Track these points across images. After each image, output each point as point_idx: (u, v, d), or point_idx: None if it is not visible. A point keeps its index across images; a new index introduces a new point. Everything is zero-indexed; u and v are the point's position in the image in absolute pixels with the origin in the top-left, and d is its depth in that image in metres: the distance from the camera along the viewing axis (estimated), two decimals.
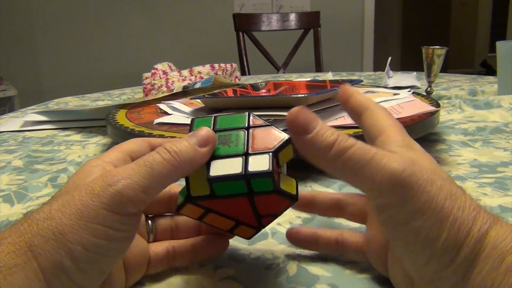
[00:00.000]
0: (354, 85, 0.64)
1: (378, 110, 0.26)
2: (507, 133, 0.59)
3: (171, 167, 0.23)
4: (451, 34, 5.46)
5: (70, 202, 0.22)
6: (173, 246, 0.29)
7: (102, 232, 0.21)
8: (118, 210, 0.22)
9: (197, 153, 0.24)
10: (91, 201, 0.21)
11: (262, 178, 0.24)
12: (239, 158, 0.24)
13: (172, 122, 0.55)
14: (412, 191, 0.20)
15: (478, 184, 0.42)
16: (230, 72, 0.95)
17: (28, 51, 2.78)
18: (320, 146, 0.22)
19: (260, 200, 0.25)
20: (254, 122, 0.26)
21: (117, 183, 0.22)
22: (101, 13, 2.81)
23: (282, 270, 0.29)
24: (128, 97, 1.05)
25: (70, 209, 0.21)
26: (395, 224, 0.21)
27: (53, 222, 0.21)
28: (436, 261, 0.20)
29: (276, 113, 0.51)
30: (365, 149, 0.21)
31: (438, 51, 0.81)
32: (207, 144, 0.24)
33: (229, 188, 0.24)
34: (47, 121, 0.74)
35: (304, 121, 0.22)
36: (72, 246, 0.21)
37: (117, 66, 2.86)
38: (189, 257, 0.29)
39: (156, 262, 0.28)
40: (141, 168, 0.23)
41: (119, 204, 0.22)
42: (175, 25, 2.89)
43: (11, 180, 0.49)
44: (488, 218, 0.21)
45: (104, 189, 0.22)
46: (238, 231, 0.28)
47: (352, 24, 3.04)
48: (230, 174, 0.24)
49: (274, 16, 1.95)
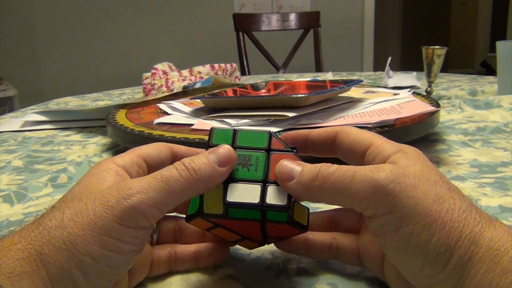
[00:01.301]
0: (354, 85, 0.64)
1: (351, 129, 0.27)
2: (507, 133, 0.59)
3: (187, 185, 0.23)
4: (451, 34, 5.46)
5: (83, 212, 0.22)
6: (176, 251, 0.29)
7: (113, 245, 0.21)
8: (130, 224, 0.22)
9: (215, 173, 0.24)
10: (104, 213, 0.21)
11: (279, 211, 0.24)
12: (258, 186, 0.24)
13: (172, 122, 0.55)
14: (396, 198, 0.21)
15: (478, 184, 0.42)
16: (230, 72, 0.95)
17: (28, 51, 2.78)
18: (306, 184, 0.23)
19: (271, 226, 0.26)
20: (275, 145, 0.26)
21: (131, 197, 0.22)
22: (101, 13, 2.81)
23: (282, 270, 0.29)
24: (128, 97, 1.05)
25: (83, 219, 0.21)
26: (386, 233, 0.21)
27: (64, 231, 0.21)
28: (430, 266, 0.20)
29: (276, 113, 0.51)
30: (346, 170, 0.22)
31: (438, 51, 0.81)
32: (227, 164, 0.24)
33: (244, 214, 0.25)
34: (47, 121, 0.74)
35: (286, 170, 0.24)
36: (82, 257, 0.21)
37: (117, 66, 2.86)
38: (190, 263, 0.29)
39: (158, 265, 0.28)
40: (158, 183, 0.22)
41: (131, 218, 0.22)
42: (175, 25, 2.89)
43: (11, 180, 0.49)
44: (480, 220, 0.21)
45: (119, 202, 0.22)
46: (242, 243, 0.29)
47: (352, 24, 3.04)
48: (247, 202, 0.24)
49: (274, 16, 1.95)
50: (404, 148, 0.25)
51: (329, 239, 0.28)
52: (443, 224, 0.20)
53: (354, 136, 0.26)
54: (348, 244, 0.28)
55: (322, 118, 0.52)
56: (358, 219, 0.29)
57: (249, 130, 0.27)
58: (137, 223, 0.22)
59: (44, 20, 2.75)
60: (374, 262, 0.26)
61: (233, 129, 0.27)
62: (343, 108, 0.57)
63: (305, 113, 0.53)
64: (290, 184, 0.24)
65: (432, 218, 0.20)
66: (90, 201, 0.22)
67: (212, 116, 0.55)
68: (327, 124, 0.50)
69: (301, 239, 0.28)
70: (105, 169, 0.25)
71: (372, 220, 0.22)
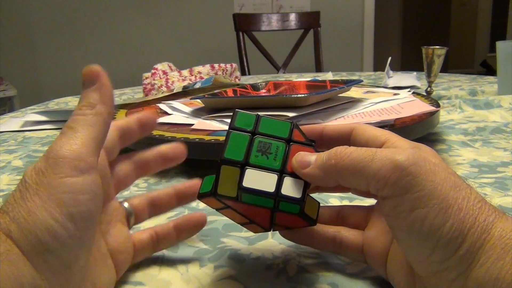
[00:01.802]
0: (354, 85, 0.64)
1: (367, 126, 0.28)
2: (507, 133, 0.59)
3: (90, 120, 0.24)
4: (451, 34, 5.46)
5: (28, 189, 0.22)
6: (156, 231, 0.30)
7: (67, 199, 0.21)
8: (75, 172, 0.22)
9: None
10: (44, 178, 0.22)
11: (292, 203, 0.25)
12: (274, 175, 0.25)
13: (172, 122, 0.55)
14: (416, 180, 0.21)
15: (478, 184, 0.42)
16: (230, 72, 0.95)
17: (27, 51, 2.78)
18: (322, 164, 0.24)
19: (281, 215, 0.26)
20: (296, 136, 0.27)
21: (58, 152, 0.22)
22: (101, 13, 2.81)
23: (282, 270, 0.29)
24: (128, 97, 1.05)
25: (30, 193, 0.21)
26: (400, 213, 0.21)
27: (21, 208, 0.21)
28: (441, 250, 0.20)
29: (276, 113, 0.51)
30: (366, 150, 0.23)
31: (438, 51, 0.81)
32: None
33: (257, 200, 0.25)
34: (47, 121, 0.74)
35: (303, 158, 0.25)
36: (45, 221, 0.21)
37: (117, 66, 2.86)
38: (172, 239, 0.30)
39: (141, 249, 0.29)
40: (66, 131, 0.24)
41: (72, 166, 0.22)
42: (175, 25, 2.89)
43: (11, 180, 0.49)
44: (493, 211, 0.21)
45: (46, 160, 0.22)
46: (248, 226, 0.29)
47: (352, 24, 3.04)
48: (262, 190, 0.24)
49: (274, 16, 1.95)
50: (419, 146, 0.25)
51: (333, 231, 0.28)
52: (459, 210, 0.20)
53: (370, 132, 0.27)
54: (352, 239, 0.28)
55: (322, 118, 0.52)
56: (365, 215, 0.29)
57: (272, 118, 0.27)
58: (79, 168, 0.22)
59: (44, 20, 2.75)
60: (378, 259, 0.26)
61: (256, 114, 0.27)
62: (343, 108, 0.57)
63: (305, 113, 0.53)
64: (307, 170, 0.24)
65: (449, 203, 0.21)
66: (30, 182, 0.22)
67: (212, 116, 0.55)
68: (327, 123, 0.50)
69: (305, 229, 0.28)
70: None
71: (386, 201, 0.22)
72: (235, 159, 0.25)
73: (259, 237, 0.33)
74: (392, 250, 0.26)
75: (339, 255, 0.29)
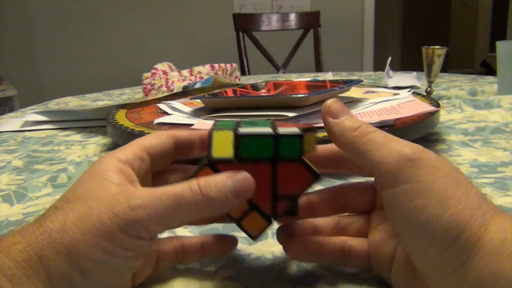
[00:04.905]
0: (354, 85, 0.64)
1: None
2: (507, 133, 0.59)
3: (197, 209, 0.22)
4: (451, 34, 5.46)
5: (86, 216, 0.21)
6: (182, 244, 0.28)
7: (114, 251, 0.21)
8: (132, 234, 0.21)
9: (228, 203, 0.23)
10: (108, 220, 0.21)
11: (292, 139, 0.24)
12: (268, 128, 0.25)
13: (172, 122, 0.55)
14: (419, 171, 0.22)
15: (478, 184, 0.42)
16: (230, 72, 0.95)
17: (28, 51, 2.77)
18: (344, 129, 0.25)
19: (282, 170, 0.25)
20: None
21: (138, 209, 0.21)
22: (101, 13, 2.81)
23: (282, 270, 0.29)
24: (128, 97, 1.05)
25: (86, 224, 0.21)
26: (400, 203, 0.22)
27: (66, 235, 0.21)
28: (438, 241, 0.21)
29: (276, 113, 0.51)
30: (385, 135, 0.24)
31: (438, 51, 0.81)
32: (243, 196, 0.23)
33: (256, 148, 0.24)
34: (47, 121, 0.74)
35: (336, 107, 0.26)
36: (84, 262, 0.21)
37: (117, 66, 2.86)
38: (198, 255, 0.29)
39: (164, 259, 0.28)
40: (167, 200, 0.22)
41: (134, 229, 0.21)
42: (175, 25, 2.89)
43: (11, 180, 0.49)
44: (492, 208, 0.21)
45: (125, 211, 0.21)
46: (248, 220, 0.26)
47: (352, 24, 3.04)
48: (260, 132, 0.24)
49: (274, 16, 1.95)
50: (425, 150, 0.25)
51: (340, 242, 0.27)
52: (457, 203, 0.21)
53: None
54: (359, 247, 0.27)
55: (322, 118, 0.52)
56: (365, 221, 0.28)
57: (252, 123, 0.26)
58: (138, 234, 0.22)
59: (44, 20, 2.75)
60: (384, 264, 0.26)
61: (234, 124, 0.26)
62: None
63: (305, 113, 0.53)
64: (330, 120, 0.25)
65: (448, 196, 0.21)
66: (95, 205, 0.22)
67: (212, 116, 0.55)
68: None
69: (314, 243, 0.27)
70: (108, 167, 0.24)
71: (387, 191, 0.23)
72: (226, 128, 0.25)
73: None
74: (397, 254, 0.25)
75: (347, 265, 0.28)
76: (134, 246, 0.22)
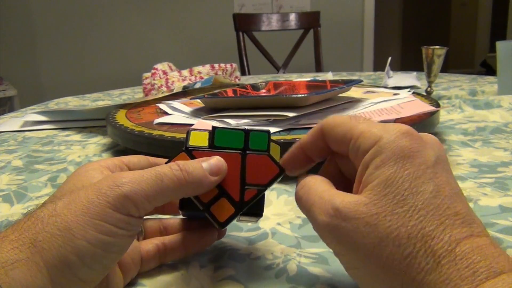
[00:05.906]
0: (354, 85, 0.64)
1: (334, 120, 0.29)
2: (507, 133, 0.59)
3: (179, 184, 0.24)
4: (451, 34, 5.46)
5: (76, 200, 0.22)
6: (164, 242, 0.29)
7: (107, 229, 0.22)
8: (121, 210, 0.22)
9: (206, 179, 0.25)
10: (97, 199, 0.22)
11: (260, 134, 0.28)
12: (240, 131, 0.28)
13: (172, 122, 0.55)
14: (340, 238, 0.22)
15: (478, 184, 0.42)
16: (230, 72, 0.95)
17: (28, 51, 2.77)
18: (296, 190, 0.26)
19: (251, 161, 0.27)
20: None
21: (124, 185, 0.23)
22: (101, 13, 2.81)
23: (282, 270, 0.29)
24: (128, 97, 1.05)
25: (76, 206, 0.22)
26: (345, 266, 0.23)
27: (58, 218, 0.22)
28: None
29: (276, 113, 0.51)
30: (311, 196, 0.24)
31: (438, 51, 0.81)
32: (217, 174, 0.26)
33: (228, 140, 0.27)
34: (47, 121, 0.74)
35: None
36: (78, 241, 0.21)
37: (117, 66, 2.86)
38: (180, 252, 0.30)
39: (148, 259, 0.29)
40: (151, 177, 0.24)
41: (123, 205, 0.22)
42: (175, 25, 2.89)
43: (11, 180, 0.49)
44: (425, 264, 0.19)
45: (111, 189, 0.22)
46: (217, 206, 0.27)
47: (352, 24, 3.04)
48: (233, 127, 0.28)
49: (274, 16, 1.95)
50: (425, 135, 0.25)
51: None
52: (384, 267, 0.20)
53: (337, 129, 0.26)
54: None
55: (322, 118, 0.52)
56: None
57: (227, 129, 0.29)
58: (128, 211, 0.23)
59: (44, 20, 2.75)
60: None
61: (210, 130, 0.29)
62: (343, 108, 0.57)
63: (305, 113, 0.53)
64: None
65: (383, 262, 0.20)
66: (82, 192, 0.23)
67: (212, 116, 0.55)
68: None
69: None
70: (91, 168, 0.26)
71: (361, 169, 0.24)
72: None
73: (259, 237, 0.33)
74: None
75: None
76: (124, 223, 0.23)
